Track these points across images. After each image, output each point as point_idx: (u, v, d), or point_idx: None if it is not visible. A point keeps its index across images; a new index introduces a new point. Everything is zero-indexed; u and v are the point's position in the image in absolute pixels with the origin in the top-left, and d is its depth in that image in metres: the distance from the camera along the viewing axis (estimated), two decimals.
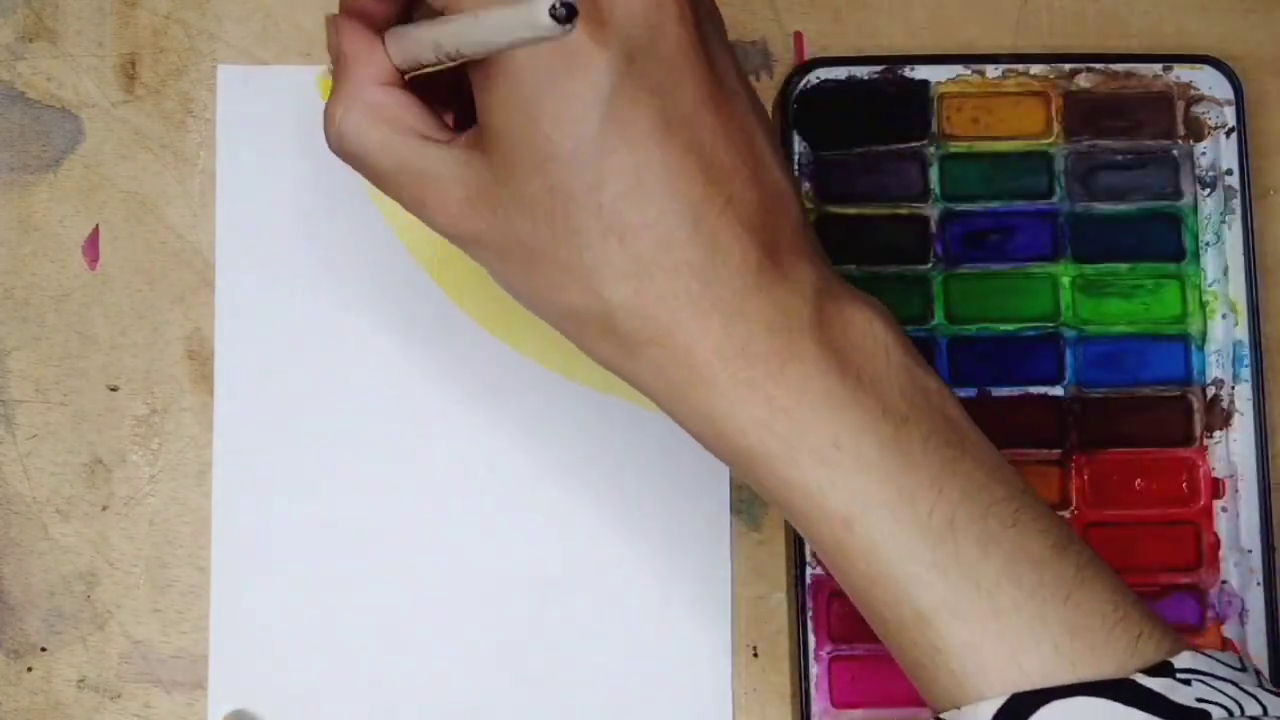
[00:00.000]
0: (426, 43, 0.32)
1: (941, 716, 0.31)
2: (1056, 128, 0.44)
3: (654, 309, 0.32)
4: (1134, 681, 0.30)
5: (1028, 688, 0.30)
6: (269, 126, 0.43)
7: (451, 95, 0.36)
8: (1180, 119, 0.44)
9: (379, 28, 0.35)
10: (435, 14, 0.33)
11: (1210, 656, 0.31)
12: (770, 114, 0.44)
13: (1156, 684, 0.30)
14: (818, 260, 0.33)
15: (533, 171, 0.31)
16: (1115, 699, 0.30)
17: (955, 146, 0.44)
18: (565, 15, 0.27)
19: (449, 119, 0.36)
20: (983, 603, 0.31)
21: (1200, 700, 0.30)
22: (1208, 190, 0.44)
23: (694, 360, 0.32)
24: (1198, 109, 0.44)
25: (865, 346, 0.32)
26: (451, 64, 0.32)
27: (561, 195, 0.31)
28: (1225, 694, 0.30)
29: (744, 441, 0.32)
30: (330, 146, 0.35)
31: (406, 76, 0.34)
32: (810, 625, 0.42)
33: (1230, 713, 0.30)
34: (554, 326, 0.34)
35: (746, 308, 0.32)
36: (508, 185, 0.32)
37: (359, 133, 0.34)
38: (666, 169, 0.31)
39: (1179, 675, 0.30)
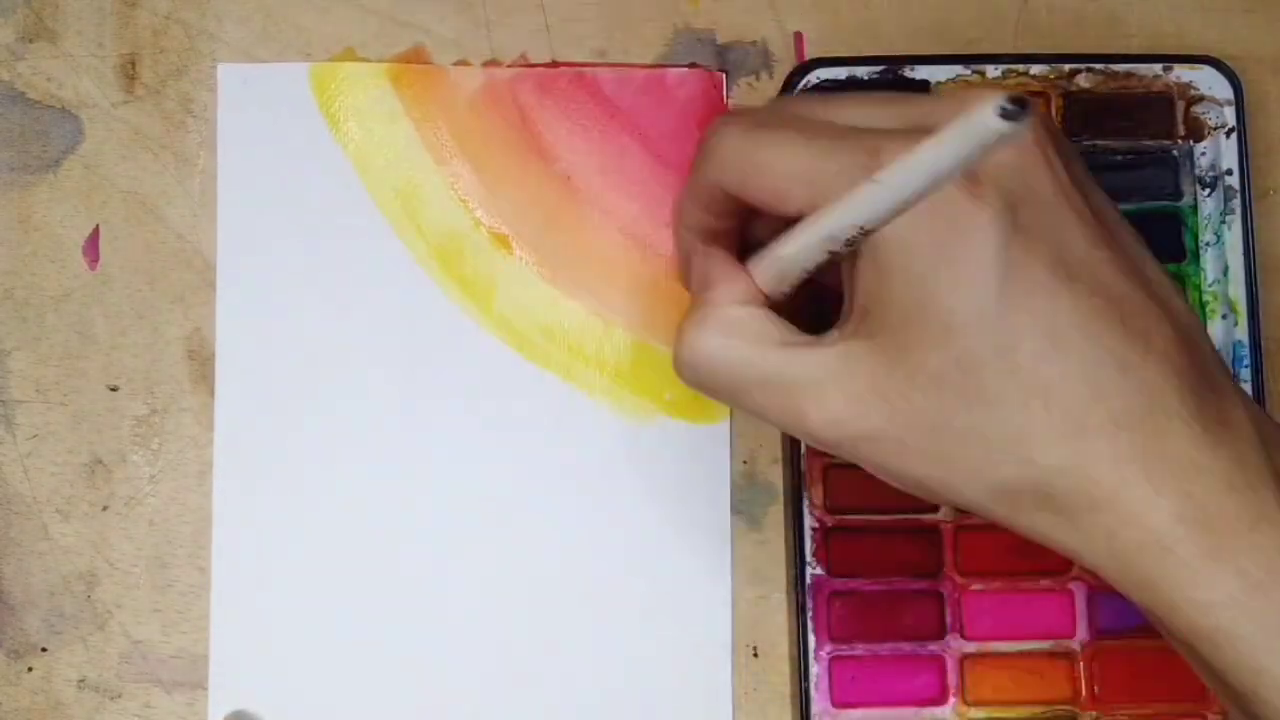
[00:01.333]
0: (812, 244, 0.31)
1: None
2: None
3: (1096, 470, 0.29)
4: None
5: None
6: (270, 126, 0.43)
7: (799, 305, 0.34)
8: (1180, 119, 0.44)
9: (730, 250, 0.33)
10: (787, 225, 0.31)
11: None
12: None
13: None
14: (1249, 401, 0.31)
15: (934, 347, 0.29)
16: None
17: None
18: (1017, 112, 0.25)
19: (802, 327, 0.33)
20: None
21: None
22: (1208, 190, 0.44)
23: (1147, 524, 0.29)
24: (1198, 109, 0.44)
25: None
26: (841, 255, 0.31)
27: (972, 365, 0.29)
28: None
29: (1206, 620, 0.29)
30: (685, 368, 0.33)
31: (770, 299, 0.33)
32: (810, 625, 0.42)
33: None
34: (977, 510, 0.31)
35: (1200, 461, 0.29)
36: (905, 368, 0.30)
37: (716, 350, 0.32)
38: (1079, 315, 0.29)
39: None
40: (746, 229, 0.34)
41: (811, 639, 0.42)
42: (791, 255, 0.31)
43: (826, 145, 0.31)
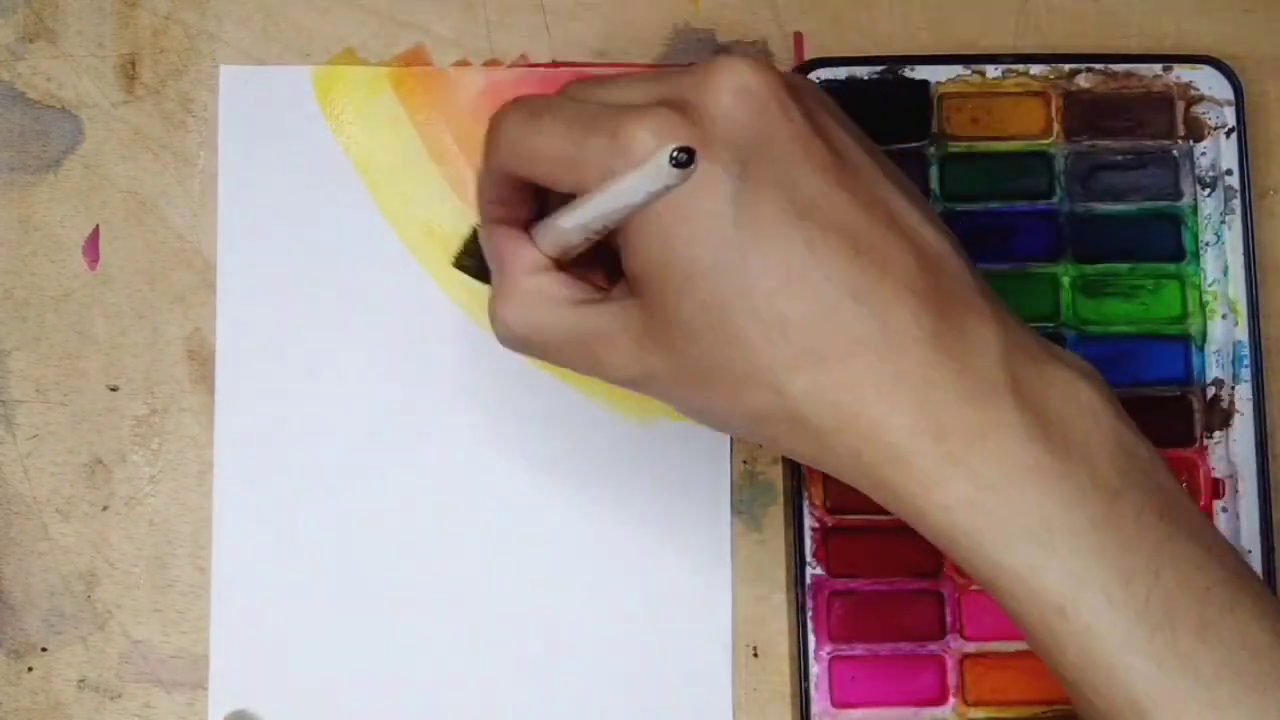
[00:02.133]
0: (573, 229, 0.34)
1: None
2: (1056, 128, 0.44)
3: (835, 394, 0.31)
4: None
5: None
6: (270, 127, 0.43)
7: (599, 257, 0.36)
8: (1180, 119, 0.44)
9: (525, 226, 0.35)
10: (569, 199, 0.33)
11: None
12: None
13: None
14: (1004, 318, 0.32)
15: (683, 294, 0.32)
16: None
17: (955, 147, 0.44)
18: (685, 160, 0.30)
19: (600, 279, 0.36)
20: (1202, 695, 0.30)
21: None
22: (1208, 190, 0.44)
23: (887, 439, 0.31)
24: (1198, 109, 0.44)
25: (1070, 411, 0.31)
26: (599, 238, 0.34)
27: (715, 307, 0.31)
28: None
29: (948, 520, 0.31)
30: (500, 339, 0.36)
31: (558, 263, 0.35)
32: (810, 625, 0.42)
33: None
34: (746, 437, 0.34)
35: (933, 376, 0.31)
36: (663, 315, 0.32)
37: (522, 319, 0.35)
38: (812, 251, 0.31)
39: None
40: (547, 197, 0.36)
41: (811, 639, 0.42)
42: (568, 228, 0.34)
43: (581, 130, 0.33)
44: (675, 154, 0.29)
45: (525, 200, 0.36)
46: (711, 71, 0.32)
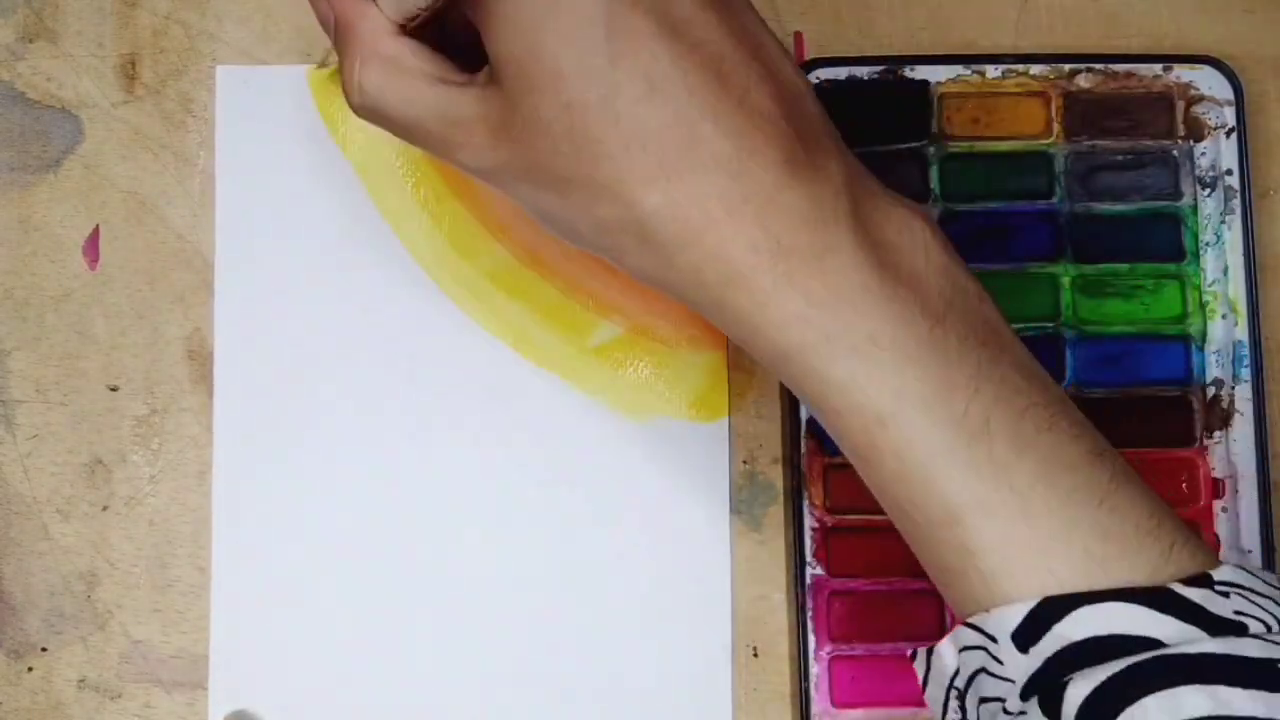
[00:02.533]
0: None
1: (970, 620, 0.31)
2: (1056, 128, 0.44)
3: (685, 210, 0.31)
4: (1170, 590, 0.30)
5: (1058, 591, 0.30)
6: (269, 127, 0.43)
7: (456, 42, 0.36)
8: (1180, 119, 0.44)
9: None
10: None
11: (1250, 572, 0.31)
12: None
13: (1193, 594, 0.30)
14: (848, 158, 0.33)
15: (546, 92, 0.32)
16: (1149, 606, 0.30)
17: (955, 147, 0.44)
18: None
19: (453, 66, 0.36)
20: (1015, 503, 0.31)
21: (1238, 613, 0.30)
22: (1208, 190, 0.44)
23: (729, 257, 0.32)
24: (1198, 109, 0.44)
25: (903, 244, 0.32)
26: (442, 2, 0.33)
27: (578, 110, 0.31)
28: (1264, 609, 0.30)
29: (781, 337, 0.32)
30: (352, 107, 0.35)
31: (407, 29, 0.34)
32: (810, 625, 0.42)
33: (1269, 627, 0.30)
34: (592, 249, 0.33)
35: (779, 200, 0.31)
36: (523, 110, 0.32)
37: (379, 88, 0.34)
38: (677, 68, 0.31)
39: (1217, 587, 0.30)
40: None
41: (811, 639, 0.42)
42: None
43: None
44: None
45: None
46: None
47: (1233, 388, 0.43)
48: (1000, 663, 0.31)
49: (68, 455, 0.43)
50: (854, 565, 0.42)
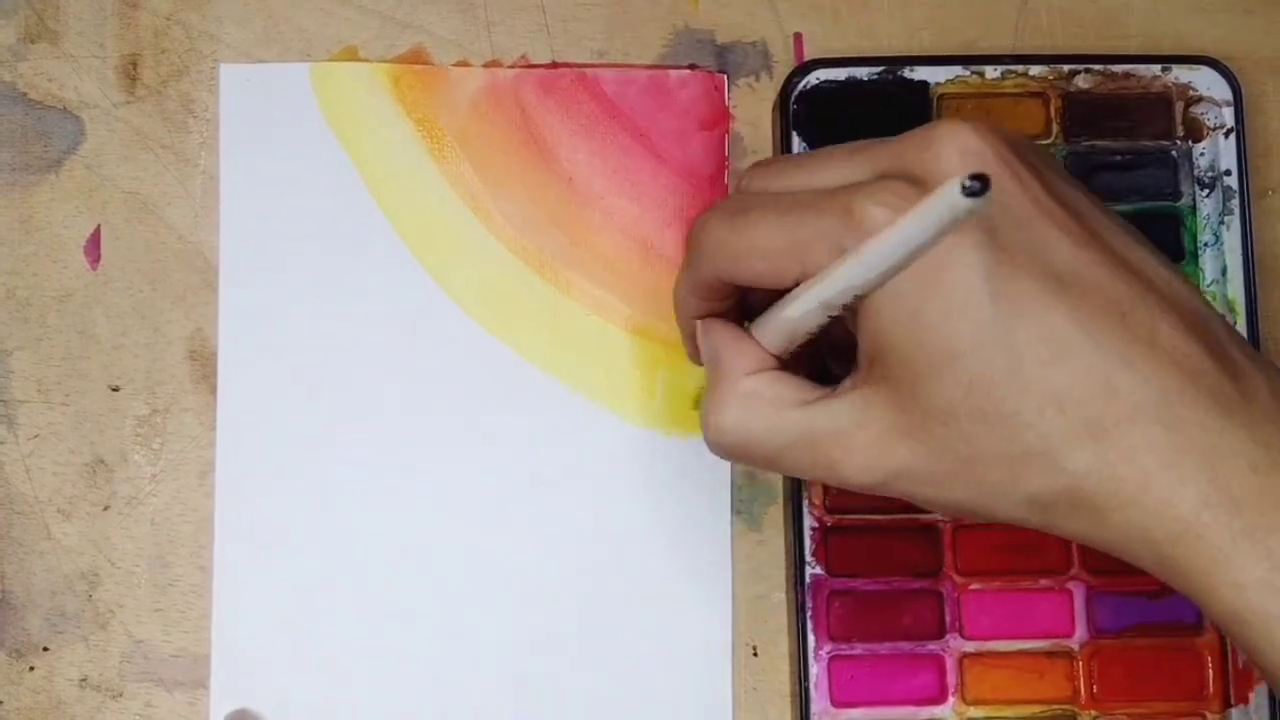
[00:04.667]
0: (810, 309, 0.32)
1: None
2: (1056, 128, 0.44)
3: (1120, 469, 0.30)
4: None
5: None
6: (271, 126, 0.44)
7: (802, 360, 0.35)
8: (1179, 119, 0.44)
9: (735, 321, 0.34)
10: (780, 295, 0.32)
11: None
12: (769, 115, 0.44)
13: None
14: (1271, 370, 0.31)
15: (943, 378, 0.30)
16: None
17: None
18: (979, 188, 0.26)
19: (808, 382, 0.34)
20: None
21: None
22: (1206, 191, 0.44)
23: (1176, 515, 0.30)
24: (1196, 110, 0.44)
25: None
26: (838, 315, 0.32)
27: (982, 387, 0.30)
28: None
29: (1240, 602, 0.29)
30: (711, 445, 0.34)
31: (782, 361, 0.34)
32: (810, 625, 0.42)
33: None
34: (1018, 523, 0.32)
35: (1220, 446, 0.30)
36: (919, 403, 0.31)
37: (740, 424, 0.33)
38: (1077, 320, 0.30)
39: None
40: (745, 296, 0.35)
41: (811, 638, 0.42)
42: (796, 318, 0.32)
43: (802, 214, 0.32)
44: (967, 183, 0.26)
45: (734, 301, 0.35)
46: (932, 138, 0.31)
47: None
48: None
49: (69, 455, 0.43)
50: (853, 565, 0.42)
